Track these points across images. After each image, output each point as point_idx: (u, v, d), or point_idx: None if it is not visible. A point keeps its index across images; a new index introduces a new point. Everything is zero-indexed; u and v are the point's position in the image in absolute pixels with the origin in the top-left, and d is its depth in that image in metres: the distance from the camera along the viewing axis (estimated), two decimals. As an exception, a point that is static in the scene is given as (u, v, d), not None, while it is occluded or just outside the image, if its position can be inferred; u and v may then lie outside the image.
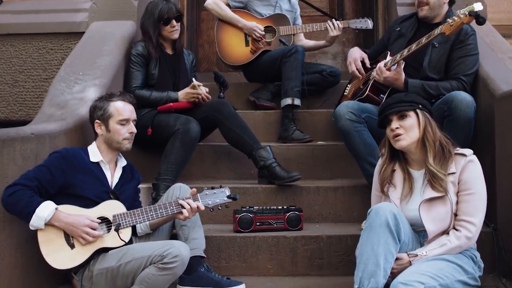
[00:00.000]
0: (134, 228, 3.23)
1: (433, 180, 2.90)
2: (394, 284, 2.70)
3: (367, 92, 3.86)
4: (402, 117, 2.94)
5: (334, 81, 4.74)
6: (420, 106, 2.94)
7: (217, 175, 4.10)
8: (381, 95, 3.81)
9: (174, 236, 3.30)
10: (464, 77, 3.74)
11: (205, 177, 4.08)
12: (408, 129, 2.91)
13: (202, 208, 3.08)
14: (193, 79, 4.06)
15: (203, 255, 3.23)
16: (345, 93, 4.28)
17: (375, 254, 2.75)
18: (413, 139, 2.91)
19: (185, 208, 3.05)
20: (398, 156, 3.03)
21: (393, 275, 2.79)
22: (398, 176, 3.02)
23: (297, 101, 4.38)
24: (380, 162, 3.09)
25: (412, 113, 2.92)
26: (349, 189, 3.76)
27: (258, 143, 3.85)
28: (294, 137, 4.29)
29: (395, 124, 2.94)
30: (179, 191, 3.27)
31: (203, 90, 3.98)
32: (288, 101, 4.37)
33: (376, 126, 3.29)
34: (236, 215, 3.49)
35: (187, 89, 4.02)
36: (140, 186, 3.46)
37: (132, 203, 3.26)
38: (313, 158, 4.12)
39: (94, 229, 2.96)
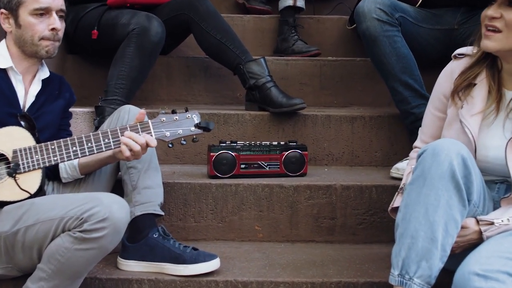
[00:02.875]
0: (55, 171, 2.24)
1: None
2: (464, 275, 1.68)
3: (399, -15, 3.02)
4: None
5: (350, -21, 3.91)
6: None
7: (191, 97, 3.31)
8: (420, -11, 2.98)
9: (119, 183, 2.34)
10: None
11: (174, 100, 3.30)
12: (511, 27, 1.91)
13: (154, 143, 2.06)
14: None
15: (160, 212, 2.25)
16: (364, -7, 3.48)
17: (431, 222, 1.77)
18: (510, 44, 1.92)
19: (126, 144, 2.03)
20: (493, 63, 2.04)
21: (452, 250, 1.83)
22: (481, 92, 2.02)
23: (301, 2, 3.61)
24: (461, 61, 2.11)
25: None
26: (371, 120, 2.92)
27: (247, 54, 2.99)
28: (295, 49, 3.53)
29: (495, 10, 1.92)
30: (128, 116, 2.29)
31: None
32: (288, 1, 3.58)
33: (414, 32, 2.74)
34: (212, 153, 2.57)
35: None
36: (78, 110, 2.79)
37: (55, 134, 2.26)
38: (321, 77, 3.32)
39: None
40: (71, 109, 2.48)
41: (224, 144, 2.59)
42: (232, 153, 2.57)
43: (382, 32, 2.68)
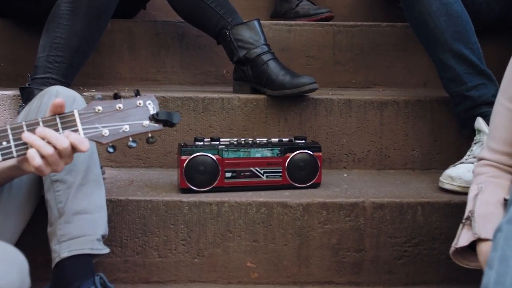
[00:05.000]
0: None
1: None
2: None
3: None
4: None
5: None
6: None
7: (161, 76, 2.67)
8: None
9: (43, 204, 1.61)
10: None
11: (139, 79, 2.64)
12: None
13: (84, 146, 1.28)
14: None
15: (100, 251, 1.54)
16: None
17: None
18: None
19: (32, 145, 1.26)
20: None
21: None
22: None
23: (305, -49, 2.98)
24: None
25: None
26: (407, 107, 2.27)
27: (235, 15, 2.39)
28: (300, 11, 2.96)
29: None
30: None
31: None
32: (289, -51, 2.96)
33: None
34: (184, 157, 1.86)
35: None
36: (0, 93, 2.18)
37: None
38: (334, 48, 2.69)
39: None
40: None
41: (201, 143, 1.86)
42: (212, 156, 1.85)
43: (426, -16, 2.06)
